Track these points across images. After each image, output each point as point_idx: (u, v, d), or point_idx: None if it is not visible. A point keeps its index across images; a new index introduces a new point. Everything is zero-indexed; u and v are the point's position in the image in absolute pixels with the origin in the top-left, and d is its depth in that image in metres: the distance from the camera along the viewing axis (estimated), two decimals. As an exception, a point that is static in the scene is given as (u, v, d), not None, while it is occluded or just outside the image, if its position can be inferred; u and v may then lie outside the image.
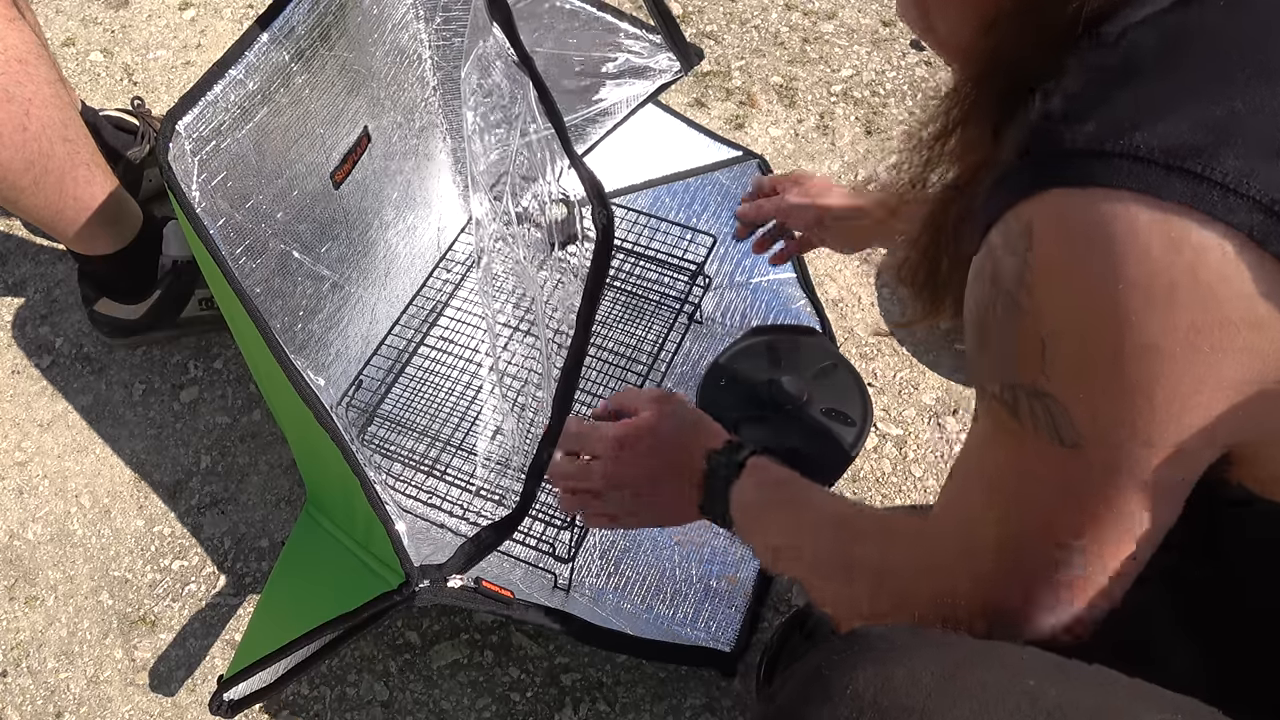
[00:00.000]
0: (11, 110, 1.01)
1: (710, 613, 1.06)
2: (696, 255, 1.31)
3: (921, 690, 0.52)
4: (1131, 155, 0.46)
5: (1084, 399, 0.50)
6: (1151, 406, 0.49)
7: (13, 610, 1.11)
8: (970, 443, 0.62)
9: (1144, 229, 0.46)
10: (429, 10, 1.06)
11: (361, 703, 1.04)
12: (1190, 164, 0.45)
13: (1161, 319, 0.47)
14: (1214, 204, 0.45)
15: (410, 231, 1.22)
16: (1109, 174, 0.47)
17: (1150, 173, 0.46)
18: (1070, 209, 0.48)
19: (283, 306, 1.01)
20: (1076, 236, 0.48)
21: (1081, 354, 0.49)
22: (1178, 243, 0.46)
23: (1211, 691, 0.53)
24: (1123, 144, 0.47)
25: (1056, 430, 0.52)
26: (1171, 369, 0.48)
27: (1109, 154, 0.47)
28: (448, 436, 1.18)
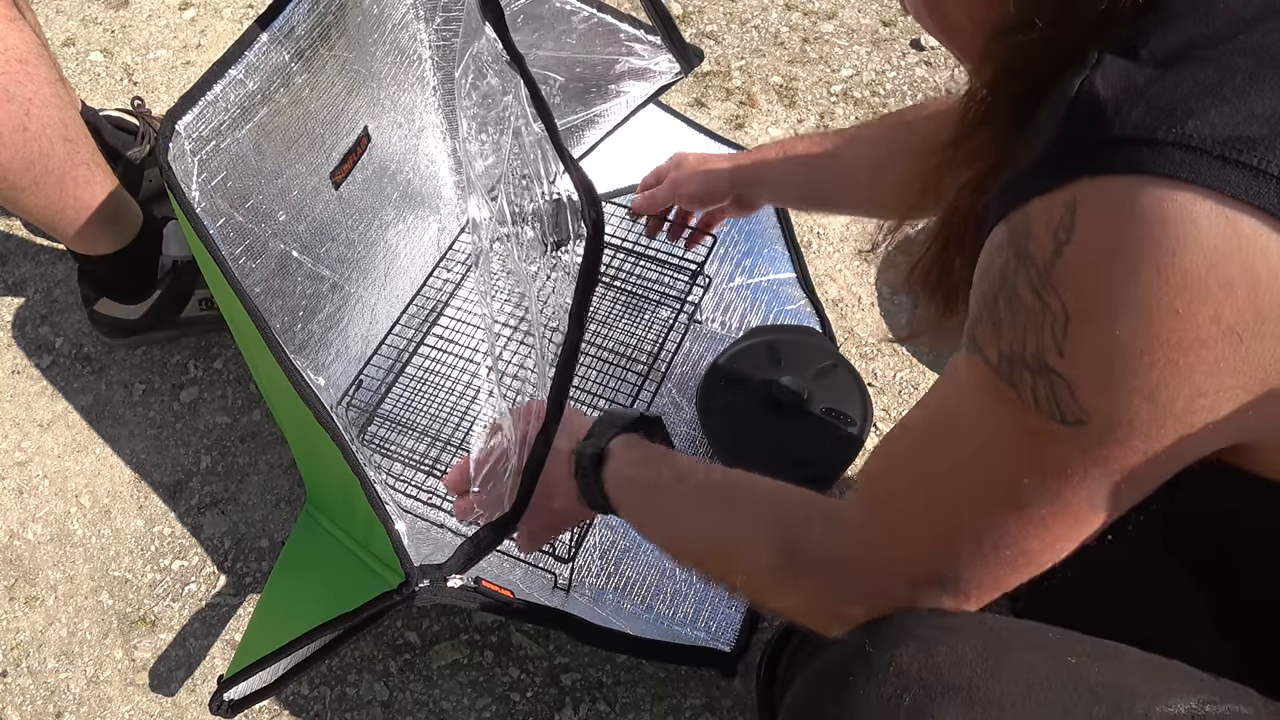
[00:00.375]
0: (12, 110, 1.01)
1: (710, 613, 1.06)
2: (696, 255, 1.31)
3: (965, 667, 0.53)
4: (1184, 144, 0.45)
5: (1101, 383, 0.49)
6: (1175, 396, 0.48)
7: (13, 610, 1.11)
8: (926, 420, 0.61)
9: (1204, 220, 0.45)
10: (429, 10, 1.06)
11: (361, 703, 1.04)
12: (1247, 156, 0.44)
13: (1210, 311, 0.45)
14: (1271, 198, 0.44)
15: (410, 231, 1.22)
16: (1161, 162, 0.45)
17: (1204, 163, 0.45)
18: (1122, 194, 0.46)
19: (282, 306, 1.01)
20: (1129, 221, 0.46)
21: (1110, 338, 0.47)
22: (1238, 236, 0.44)
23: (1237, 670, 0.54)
24: (1175, 132, 0.45)
25: (1059, 408, 0.50)
26: (1208, 361, 0.47)
27: (1160, 142, 0.45)
28: (448, 436, 1.18)
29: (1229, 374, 0.47)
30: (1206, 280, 0.45)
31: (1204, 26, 0.48)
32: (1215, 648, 0.62)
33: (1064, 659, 0.53)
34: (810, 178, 1.04)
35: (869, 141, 0.99)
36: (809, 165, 1.04)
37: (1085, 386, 0.49)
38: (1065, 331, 0.49)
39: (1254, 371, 0.47)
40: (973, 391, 0.55)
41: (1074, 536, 0.55)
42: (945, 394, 0.59)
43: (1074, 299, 0.48)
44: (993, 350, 0.53)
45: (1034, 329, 0.50)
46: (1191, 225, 0.45)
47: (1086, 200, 0.47)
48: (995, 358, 0.53)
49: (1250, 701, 0.52)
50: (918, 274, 0.65)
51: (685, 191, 1.11)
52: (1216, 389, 0.47)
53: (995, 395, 0.53)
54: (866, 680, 0.54)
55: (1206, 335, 0.46)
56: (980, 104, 0.57)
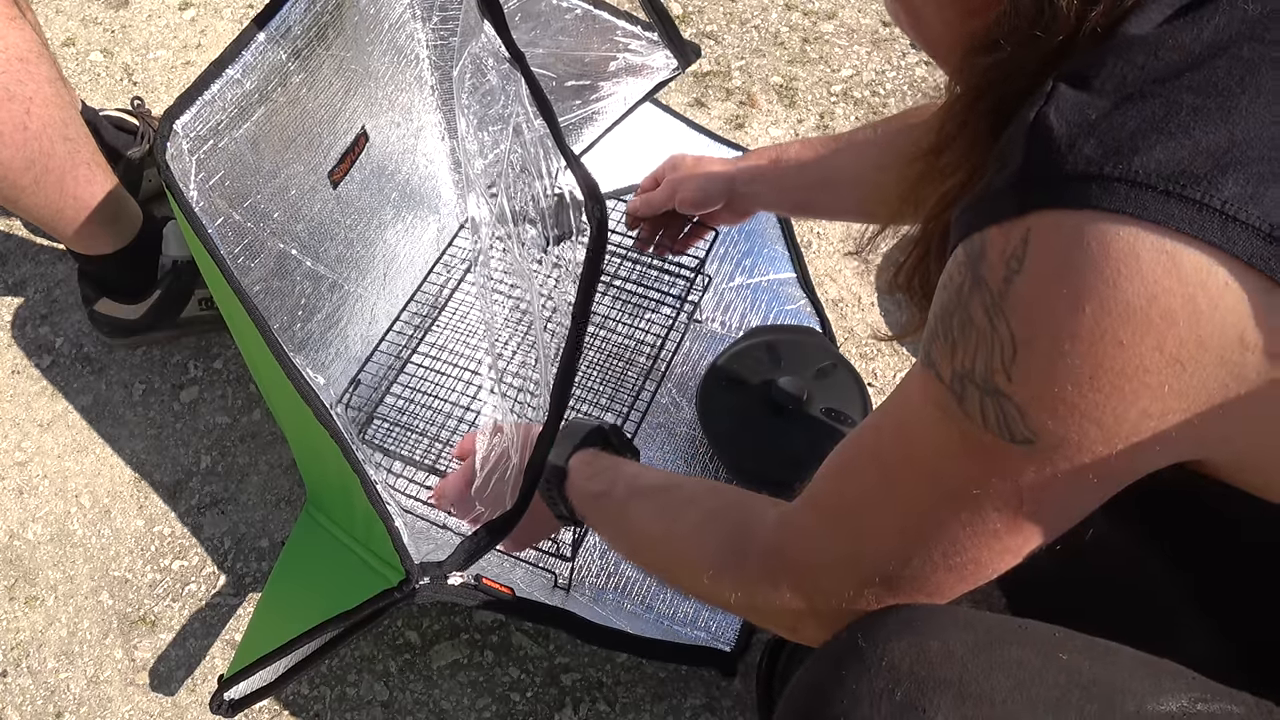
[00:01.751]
0: (12, 109, 1.01)
1: (710, 613, 1.06)
2: (696, 255, 1.31)
3: (957, 662, 0.53)
4: (1130, 180, 0.46)
5: (1047, 406, 0.50)
6: (1121, 420, 0.49)
7: (13, 610, 1.11)
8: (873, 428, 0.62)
9: (1145, 254, 0.46)
10: (426, 10, 1.06)
11: (361, 703, 1.04)
12: (1190, 190, 0.45)
13: (1153, 342, 0.47)
14: (1214, 231, 0.45)
15: (409, 231, 1.22)
16: (1108, 198, 0.46)
17: (1149, 198, 0.46)
18: (1071, 228, 0.48)
19: (281, 306, 1.01)
20: (1074, 255, 0.47)
21: (1056, 365, 0.49)
22: (1178, 270, 0.46)
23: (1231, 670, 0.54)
24: (1121, 168, 0.46)
25: (1008, 427, 0.52)
26: (1153, 387, 0.48)
27: (1108, 178, 0.46)
28: (448, 437, 1.18)
29: (1174, 398, 0.48)
30: (1149, 312, 0.46)
31: (1154, 59, 0.49)
32: (1208, 645, 0.62)
33: (1056, 655, 0.53)
34: (802, 183, 1.04)
35: (864, 145, 1.00)
36: (801, 170, 1.04)
37: (1032, 409, 0.50)
38: (1014, 357, 0.50)
39: (1198, 396, 0.48)
40: (926, 406, 0.57)
41: (1025, 547, 0.56)
42: (898, 406, 0.60)
43: (1021, 326, 0.50)
44: (946, 367, 0.54)
45: (984, 351, 0.52)
46: (1134, 260, 0.46)
47: (1039, 233, 0.49)
48: (948, 375, 0.54)
49: (1241, 701, 0.52)
50: (901, 279, 0.66)
51: (682, 195, 1.10)
52: (1162, 411, 0.49)
53: (946, 411, 0.54)
54: (859, 674, 0.55)
55: (1150, 364, 0.47)
56: (956, 118, 0.59)
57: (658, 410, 1.20)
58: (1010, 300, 0.50)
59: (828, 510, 0.65)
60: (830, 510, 0.64)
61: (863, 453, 0.64)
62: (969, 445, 0.54)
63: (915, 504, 0.58)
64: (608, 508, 0.84)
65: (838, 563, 0.62)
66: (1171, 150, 0.46)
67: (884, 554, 0.60)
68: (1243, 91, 0.47)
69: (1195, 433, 0.50)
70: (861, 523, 0.61)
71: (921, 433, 0.57)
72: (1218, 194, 0.45)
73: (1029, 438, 0.51)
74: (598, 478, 0.85)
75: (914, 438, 0.58)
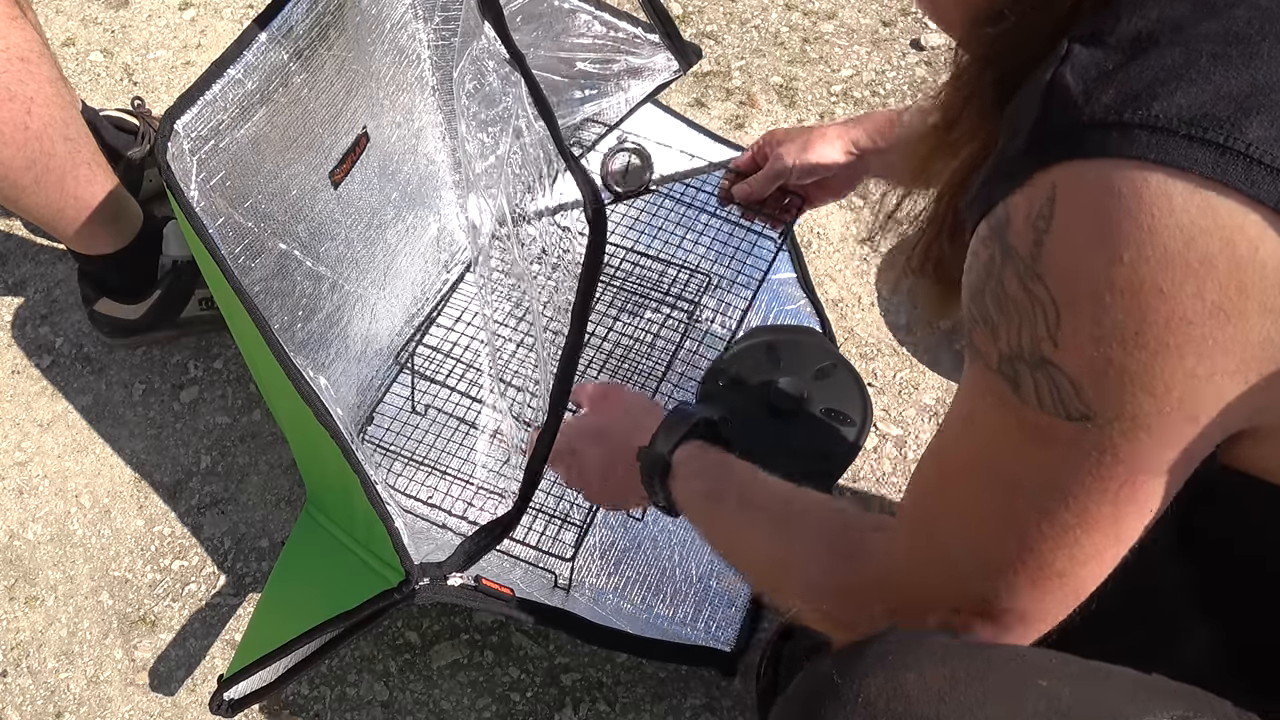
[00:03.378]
0: (14, 109, 1.01)
1: (710, 613, 1.06)
2: (696, 255, 1.31)
3: (934, 696, 0.52)
4: (1151, 126, 0.45)
5: (1098, 370, 0.48)
6: (1171, 379, 0.47)
7: (13, 610, 1.11)
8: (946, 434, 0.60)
9: (1179, 197, 0.45)
10: (428, 10, 1.06)
11: (361, 703, 1.04)
12: (1213, 134, 0.45)
13: (1193, 288, 0.45)
14: (1238, 175, 0.44)
15: (410, 231, 1.22)
16: (1129, 145, 0.45)
17: (1172, 143, 0.45)
18: (1096, 178, 0.47)
19: (282, 306, 1.01)
20: (1105, 204, 0.46)
21: (1101, 323, 0.47)
22: (1214, 212, 0.45)
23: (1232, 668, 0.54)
24: (1141, 114, 0.45)
25: (1062, 403, 0.50)
26: (1197, 341, 0.46)
27: (1128, 124, 0.46)
28: (448, 436, 1.18)
29: (1220, 354, 0.47)
30: (1187, 256, 0.45)
31: (1169, 10, 0.48)
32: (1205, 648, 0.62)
33: (1035, 683, 0.52)
34: None
35: None
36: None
37: (1084, 377, 0.49)
38: (1057, 321, 0.49)
39: (1243, 351, 0.47)
40: (980, 399, 0.55)
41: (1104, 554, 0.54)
42: (958, 406, 0.59)
43: (1060, 287, 0.48)
44: (992, 352, 0.53)
45: (1027, 323, 0.50)
46: (1168, 203, 0.45)
47: (1063, 188, 0.48)
48: (995, 359, 0.53)
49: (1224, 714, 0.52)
50: (915, 261, 0.65)
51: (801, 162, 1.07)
52: (1210, 371, 0.47)
53: (1001, 399, 0.53)
54: (834, 713, 0.53)
55: (1193, 313, 0.46)
56: (964, 89, 0.58)
57: (658, 410, 1.20)
58: (1044, 262, 0.49)
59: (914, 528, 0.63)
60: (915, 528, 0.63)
61: (933, 463, 0.62)
62: (1028, 432, 0.52)
63: (986, 510, 0.56)
64: (715, 512, 0.80)
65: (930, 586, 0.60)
66: (1193, 95, 0.45)
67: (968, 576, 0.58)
68: (1263, 39, 0.46)
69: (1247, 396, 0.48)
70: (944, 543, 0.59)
71: (982, 429, 0.56)
72: (1242, 137, 0.44)
73: (1085, 413, 0.50)
74: (705, 475, 0.81)
75: (976, 435, 0.57)
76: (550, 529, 1.10)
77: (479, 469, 1.15)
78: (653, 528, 1.12)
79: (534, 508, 1.11)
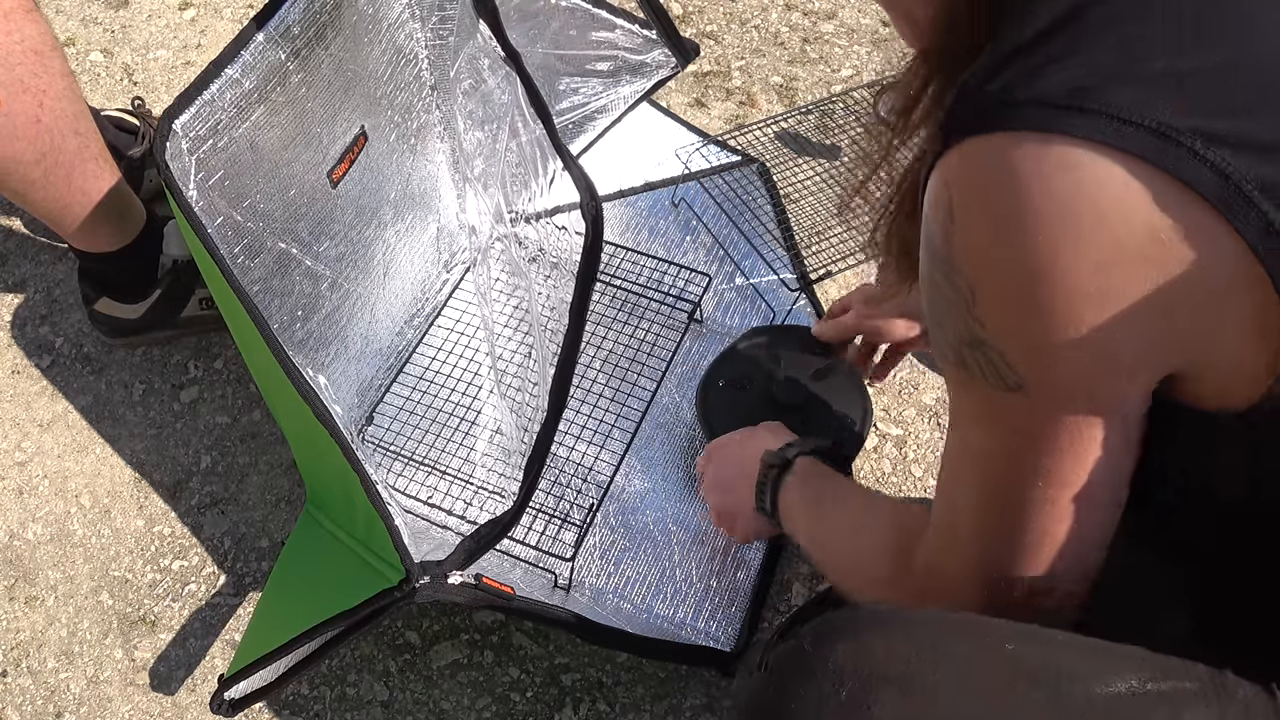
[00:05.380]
0: (27, 101, 1.01)
1: (710, 613, 1.06)
2: (696, 256, 1.31)
3: (900, 658, 0.54)
4: (1034, 101, 0.50)
5: (1015, 339, 0.54)
6: (1077, 336, 0.52)
7: (13, 610, 1.11)
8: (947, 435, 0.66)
9: (1048, 166, 0.50)
10: (425, 9, 1.06)
11: (361, 703, 1.04)
12: (1086, 102, 0.49)
13: (1072, 251, 0.50)
14: (1109, 133, 0.49)
15: (409, 230, 1.22)
16: (1012, 119, 0.51)
17: (1048, 114, 0.50)
18: (978, 155, 0.52)
19: (281, 305, 1.01)
20: (985, 179, 0.52)
21: (1004, 295, 0.53)
22: (1079, 176, 0.49)
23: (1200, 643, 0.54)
24: (1028, 93, 0.51)
25: (1000, 375, 0.55)
26: (1088, 298, 0.51)
27: (1016, 102, 0.51)
28: (448, 436, 1.18)
29: (1114, 302, 0.51)
30: (1063, 222, 0.50)
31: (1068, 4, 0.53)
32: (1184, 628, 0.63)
33: (1001, 646, 0.54)
34: None
35: None
36: None
37: (1007, 348, 0.54)
38: (975, 301, 0.54)
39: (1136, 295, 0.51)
40: (956, 390, 0.61)
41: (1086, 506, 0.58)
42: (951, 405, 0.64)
43: (971, 271, 0.54)
44: (948, 348, 0.58)
45: (958, 310, 0.56)
46: (1039, 178, 0.50)
47: (955, 167, 0.54)
48: (950, 353, 0.58)
49: (1196, 676, 0.52)
50: (879, 241, 0.69)
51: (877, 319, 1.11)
52: (1111, 324, 0.51)
53: (964, 385, 0.59)
54: (805, 679, 0.55)
55: (1080, 274, 0.51)
56: (920, 76, 0.63)
57: (658, 410, 1.20)
58: (956, 255, 0.55)
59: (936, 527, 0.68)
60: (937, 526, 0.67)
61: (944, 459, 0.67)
62: (986, 407, 0.58)
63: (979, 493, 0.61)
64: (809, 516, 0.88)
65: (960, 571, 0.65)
66: (1071, 73, 0.51)
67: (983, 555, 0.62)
68: (1135, 18, 0.51)
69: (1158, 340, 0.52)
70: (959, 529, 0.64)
71: (959, 418, 0.62)
72: (1109, 101, 0.49)
73: (1018, 381, 0.55)
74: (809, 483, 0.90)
75: (956, 426, 0.62)
76: (550, 529, 1.10)
77: (479, 469, 1.15)
78: (653, 528, 1.11)
79: (534, 508, 1.11)
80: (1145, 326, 0.52)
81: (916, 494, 1.16)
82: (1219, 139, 0.49)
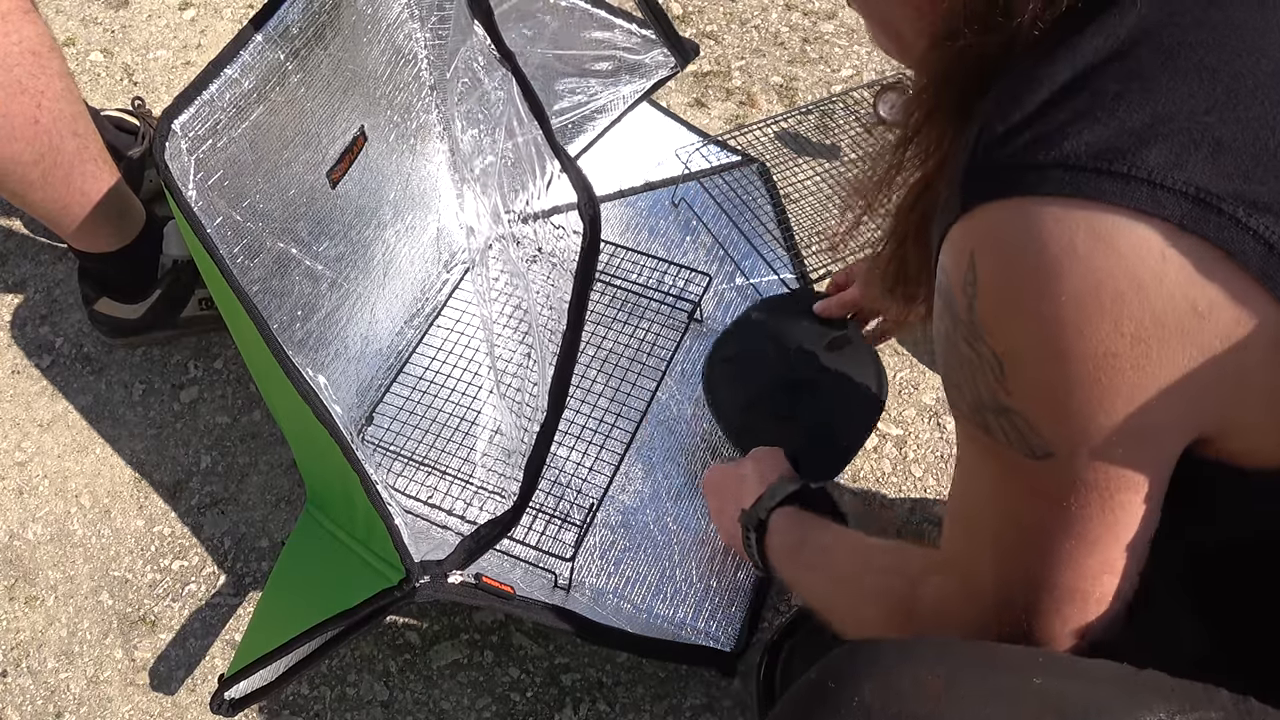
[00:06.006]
0: (24, 102, 1.01)
1: (710, 613, 1.06)
2: (696, 256, 1.31)
3: (929, 696, 0.52)
4: (1062, 164, 0.48)
5: (1047, 411, 0.52)
6: (1111, 410, 0.50)
7: (13, 610, 1.11)
8: (956, 479, 0.64)
9: (1081, 243, 0.47)
10: (424, 9, 1.06)
11: (361, 703, 1.04)
12: (1117, 165, 0.47)
13: (1110, 326, 0.48)
14: (1143, 199, 0.46)
15: (409, 230, 1.22)
16: (1040, 183, 0.48)
17: (1081, 178, 0.47)
18: (1003, 223, 0.50)
19: (281, 305, 1.01)
20: (1012, 250, 0.50)
21: (1037, 369, 0.51)
22: (1115, 250, 0.47)
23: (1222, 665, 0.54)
24: (1054, 154, 0.48)
25: (1027, 443, 0.53)
26: (1125, 372, 0.49)
27: (1042, 165, 0.48)
28: (448, 436, 1.18)
29: (1151, 377, 0.49)
30: (1098, 297, 0.48)
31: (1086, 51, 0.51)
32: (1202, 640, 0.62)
33: (1030, 680, 0.53)
34: None
35: None
36: None
37: (1037, 418, 0.52)
38: (1003, 372, 0.52)
39: (1174, 370, 0.49)
40: (967, 446, 0.59)
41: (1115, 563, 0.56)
42: (959, 457, 0.63)
43: (998, 343, 0.52)
44: (963, 405, 0.57)
45: (981, 376, 0.54)
46: (1071, 251, 0.48)
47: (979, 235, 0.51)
48: (967, 411, 0.57)
49: (1220, 704, 0.52)
50: (878, 271, 0.68)
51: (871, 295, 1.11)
52: (1147, 393, 0.50)
53: (982, 446, 0.57)
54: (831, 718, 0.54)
55: (1115, 347, 0.48)
56: (923, 107, 0.60)
57: (658, 410, 1.20)
58: (979, 324, 0.52)
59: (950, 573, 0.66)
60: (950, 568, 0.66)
61: (953, 508, 0.65)
62: (1010, 471, 0.56)
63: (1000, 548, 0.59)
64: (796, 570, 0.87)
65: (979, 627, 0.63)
66: (1098, 133, 0.48)
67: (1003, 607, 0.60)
68: (1163, 73, 0.49)
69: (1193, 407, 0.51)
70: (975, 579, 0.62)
71: (977, 474, 0.60)
72: (1143, 164, 0.47)
73: (1047, 450, 0.53)
74: (791, 535, 0.89)
75: (974, 480, 0.61)
76: (550, 529, 1.10)
77: (479, 469, 1.15)
78: (653, 528, 1.11)
79: (534, 508, 1.11)
80: (1181, 397, 0.50)
81: (916, 494, 1.16)
82: (1262, 205, 0.46)
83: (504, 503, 1.11)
